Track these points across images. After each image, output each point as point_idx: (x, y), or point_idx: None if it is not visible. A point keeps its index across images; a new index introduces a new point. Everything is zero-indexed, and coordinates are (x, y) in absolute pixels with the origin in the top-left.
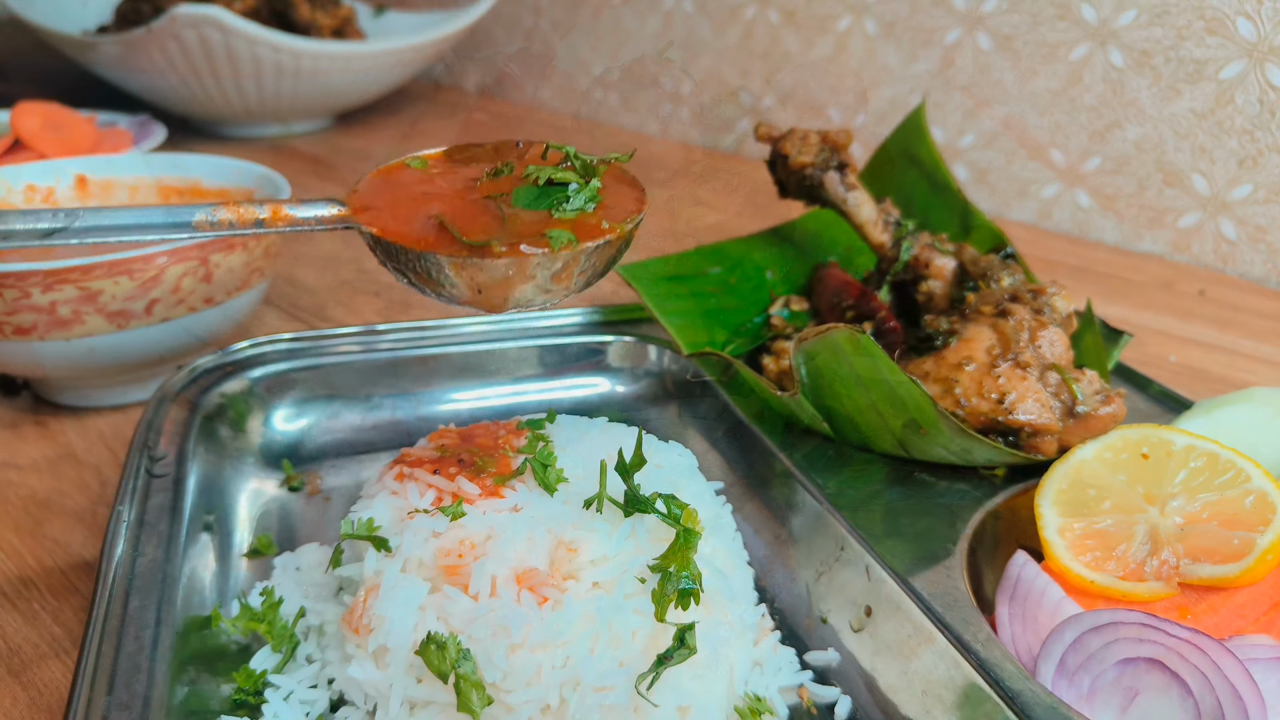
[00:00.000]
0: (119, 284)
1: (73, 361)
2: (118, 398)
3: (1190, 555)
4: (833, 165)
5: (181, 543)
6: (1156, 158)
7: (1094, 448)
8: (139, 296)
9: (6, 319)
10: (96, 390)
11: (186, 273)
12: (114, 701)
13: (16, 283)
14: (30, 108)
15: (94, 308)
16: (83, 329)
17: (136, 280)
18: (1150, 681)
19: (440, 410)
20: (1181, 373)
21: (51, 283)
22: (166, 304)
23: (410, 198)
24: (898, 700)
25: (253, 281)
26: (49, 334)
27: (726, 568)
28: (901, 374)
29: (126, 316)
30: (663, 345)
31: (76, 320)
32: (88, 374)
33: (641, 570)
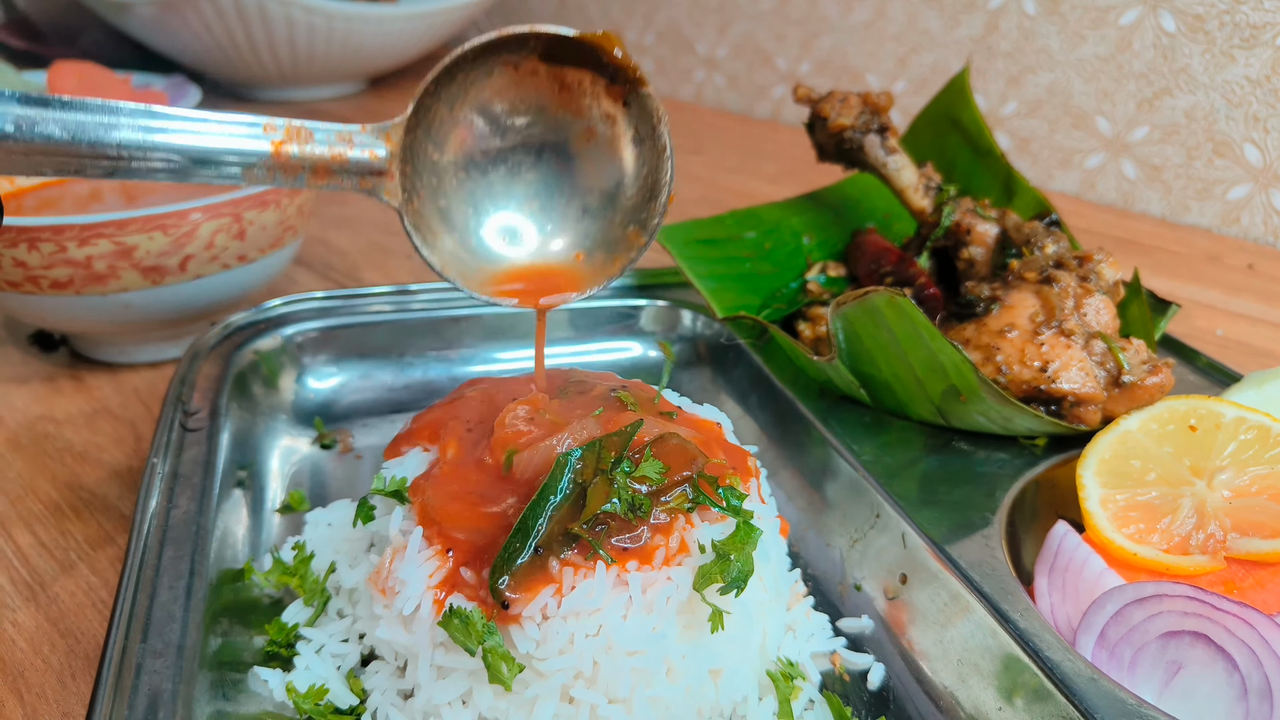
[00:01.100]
0: (154, 239)
1: (109, 317)
2: (153, 354)
3: (1238, 529)
4: (873, 128)
5: (215, 496)
6: (1207, 127)
7: (1139, 419)
8: (173, 252)
9: (44, 273)
10: (132, 345)
11: (220, 229)
12: (148, 649)
13: (53, 236)
14: (67, 68)
15: (129, 263)
16: (118, 284)
17: (171, 236)
18: (1195, 656)
19: (472, 371)
20: (1229, 347)
21: (88, 237)
22: (200, 260)
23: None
24: (932, 669)
25: (285, 240)
26: (85, 289)
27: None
28: (942, 339)
29: (161, 272)
30: (697, 310)
31: (112, 275)
32: (123, 329)
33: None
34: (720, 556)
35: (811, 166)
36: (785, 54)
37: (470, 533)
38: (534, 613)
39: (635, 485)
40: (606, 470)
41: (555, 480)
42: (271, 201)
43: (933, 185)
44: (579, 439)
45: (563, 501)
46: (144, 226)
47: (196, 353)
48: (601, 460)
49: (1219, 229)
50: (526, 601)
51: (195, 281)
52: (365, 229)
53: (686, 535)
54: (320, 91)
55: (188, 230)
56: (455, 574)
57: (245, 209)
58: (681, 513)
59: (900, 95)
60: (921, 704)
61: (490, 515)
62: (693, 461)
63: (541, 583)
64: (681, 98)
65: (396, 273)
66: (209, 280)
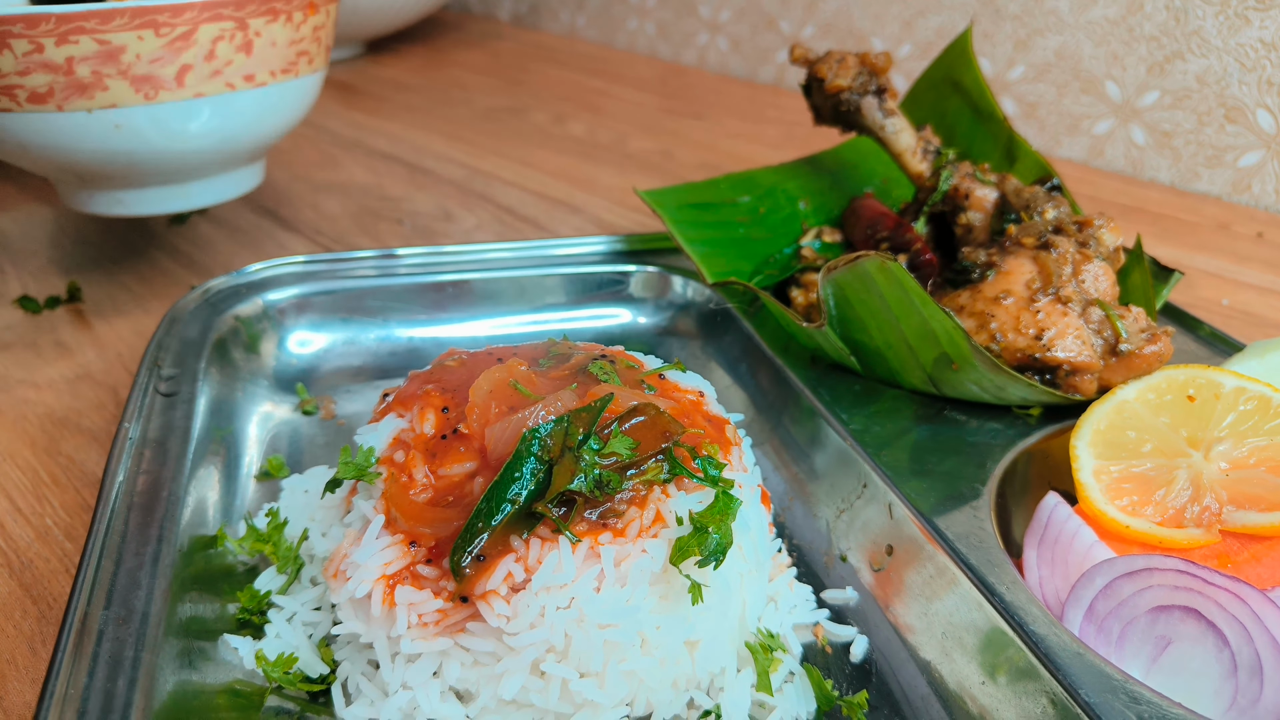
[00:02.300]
0: (144, 39)
1: (98, 144)
2: (156, 203)
3: (1234, 502)
4: (871, 90)
5: (189, 462)
6: (1219, 91)
7: (1136, 388)
8: (167, 59)
9: (20, 81)
10: (130, 191)
11: (222, 35)
12: (111, 615)
13: (26, 30)
14: None
15: (116, 69)
16: (106, 96)
17: (164, 37)
18: (1184, 631)
19: (458, 337)
20: (1234, 316)
21: (65, 32)
22: (200, 73)
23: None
24: (916, 642)
25: (300, 67)
26: (68, 101)
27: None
28: (934, 305)
29: (155, 84)
30: (687, 276)
31: (97, 84)
32: (115, 163)
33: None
34: (698, 529)
35: (814, 132)
36: (789, 17)
37: (434, 525)
38: (501, 586)
39: (603, 461)
40: (574, 448)
41: (520, 459)
42: (282, 12)
43: (931, 149)
44: (553, 412)
45: (529, 479)
46: (131, 21)
47: (175, 317)
48: (569, 437)
49: (1229, 197)
50: (486, 578)
51: (196, 101)
52: (357, 194)
53: (662, 507)
54: None
55: (184, 31)
56: (412, 567)
57: (250, 14)
58: (657, 484)
59: (905, 59)
60: (905, 677)
61: (454, 509)
62: (667, 433)
63: (502, 555)
64: (684, 62)
65: (387, 237)
66: (212, 103)
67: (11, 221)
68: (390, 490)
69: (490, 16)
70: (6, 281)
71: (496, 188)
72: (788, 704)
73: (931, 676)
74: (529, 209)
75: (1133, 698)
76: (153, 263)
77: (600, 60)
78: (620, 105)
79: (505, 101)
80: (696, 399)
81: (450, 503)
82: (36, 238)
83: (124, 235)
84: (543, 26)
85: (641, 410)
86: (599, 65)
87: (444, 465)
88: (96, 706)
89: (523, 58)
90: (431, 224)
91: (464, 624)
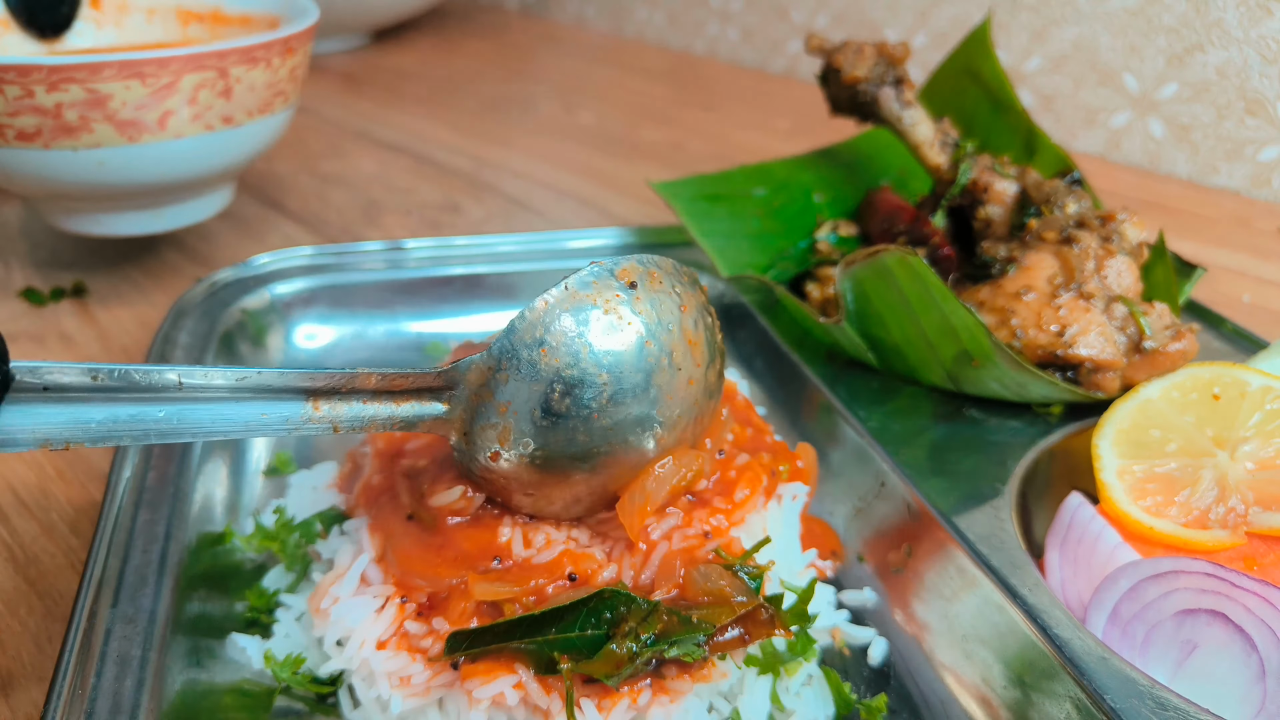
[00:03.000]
0: (130, 89)
1: (81, 176)
2: (130, 225)
3: (1260, 503)
4: (888, 80)
5: (195, 458)
6: (1240, 84)
7: (1160, 386)
8: (152, 106)
9: (9, 121)
10: (108, 214)
11: (204, 84)
12: (118, 614)
13: (19, 79)
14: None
15: (103, 114)
16: (91, 138)
17: (149, 87)
18: (1211, 635)
19: (466, 331)
20: (1256, 313)
21: (56, 80)
22: (181, 118)
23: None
24: (936, 644)
25: (275, 105)
26: (55, 141)
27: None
28: (955, 300)
29: (138, 128)
30: (700, 269)
31: (84, 127)
32: (97, 193)
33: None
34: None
35: (826, 123)
36: (801, 6)
37: (431, 581)
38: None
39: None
40: (637, 640)
41: (573, 618)
42: (261, 60)
43: (950, 141)
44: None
45: (575, 642)
46: (120, 73)
47: (181, 310)
48: (644, 624)
49: (1248, 191)
50: (485, 682)
51: (176, 142)
52: (364, 185)
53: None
54: (322, 45)
55: (168, 82)
56: (401, 626)
57: (232, 63)
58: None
59: (920, 50)
60: (924, 681)
61: (454, 564)
62: (740, 598)
63: (504, 669)
64: (695, 52)
65: (395, 229)
66: (191, 142)
67: (15, 214)
68: (385, 525)
69: (498, 6)
70: (11, 273)
71: (505, 179)
72: (806, 708)
73: (952, 680)
74: (538, 201)
75: (1159, 703)
76: (157, 255)
77: (609, 50)
78: (630, 96)
79: (513, 91)
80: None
81: (449, 555)
82: (41, 229)
83: None
84: (551, 16)
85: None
86: (609, 55)
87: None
88: (105, 707)
89: (530, 47)
90: (439, 215)
91: (454, 683)
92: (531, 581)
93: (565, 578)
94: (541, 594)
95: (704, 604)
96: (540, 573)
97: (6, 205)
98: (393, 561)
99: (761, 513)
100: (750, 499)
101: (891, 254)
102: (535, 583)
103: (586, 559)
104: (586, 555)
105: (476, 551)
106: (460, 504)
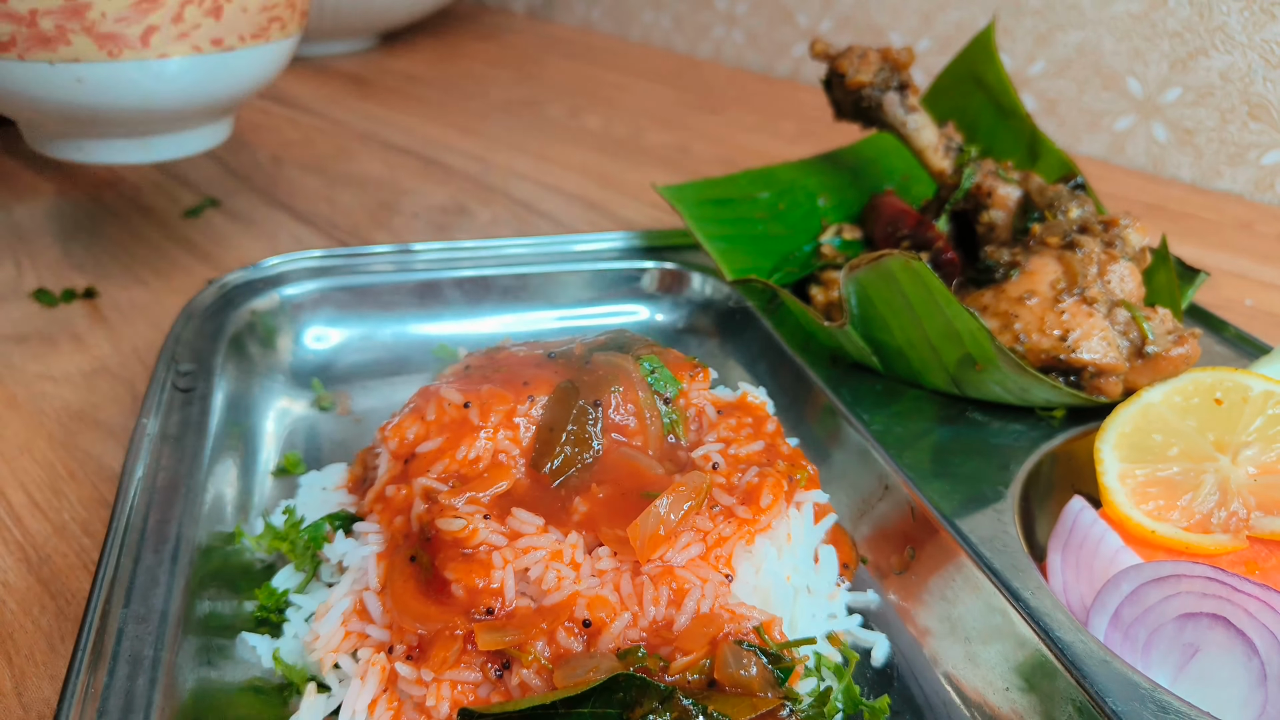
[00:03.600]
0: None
1: (59, 94)
2: (116, 153)
3: (1262, 508)
4: (893, 85)
5: (206, 458)
6: (1243, 88)
7: (1163, 390)
8: (133, 19)
9: None
10: (91, 140)
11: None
12: (131, 614)
13: None
14: None
15: (81, 25)
16: (69, 51)
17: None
18: (1212, 639)
19: (475, 333)
20: (1258, 317)
21: None
22: (166, 34)
23: None
24: (939, 647)
25: (272, 33)
26: (30, 52)
27: None
28: (958, 305)
29: (119, 43)
30: (706, 273)
31: (60, 38)
32: (78, 115)
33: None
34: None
35: (831, 127)
36: (806, 10)
37: (426, 625)
38: None
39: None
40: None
41: (585, 703)
42: None
43: (953, 146)
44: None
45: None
46: None
47: (191, 312)
48: (645, 713)
49: (1251, 195)
50: None
51: (161, 62)
52: (372, 187)
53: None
54: (330, 48)
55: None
56: (390, 673)
57: None
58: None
59: (924, 54)
60: (926, 682)
61: (450, 609)
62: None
63: None
64: (700, 55)
65: (402, 231)
66: (178, 64)
67: (28, 214)
68: (390, 554)
69: (504, 8)
70: (23, 274)
71: (512, 182)
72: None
73: (954, 682)
74: (545, 204)
75: (1161, 706)
76: (166, 255)
77: (615, 53)
78: (636, 99)
79: (520, 94)
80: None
81: (443, 599)
82: (52, 231)
83: (138, 228)
84: (557, 18)
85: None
86: (614, 58)
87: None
88: (117, 706)
89: (537, 50)
90: (446, 218)
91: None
92: (541, 624)
93: (579, 624)
94: (553, 639)
95: (726, 693)
96: (549, 616)
97: (19, 205)
98: (389, 601)
99: (785, 519)
100: (774, 505)
101: (895, 258)
102: (544, 625)
103: (600, 604)
104: (600, 599)
105: (468, 597)
106: (464, 534)
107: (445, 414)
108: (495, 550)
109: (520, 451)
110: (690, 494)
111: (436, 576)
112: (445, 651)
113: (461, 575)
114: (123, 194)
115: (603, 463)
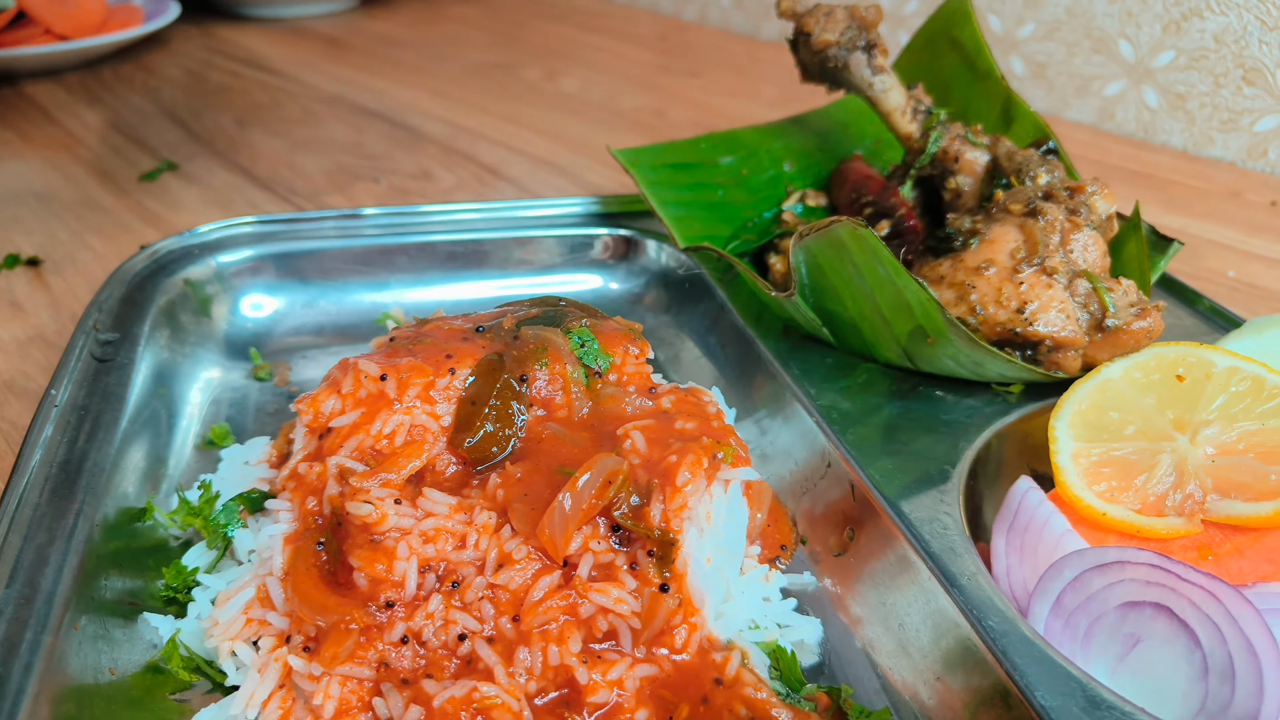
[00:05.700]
0: None
1: None
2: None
3: (1219, 490)
4: (859, 45)
5: (120, 431)
6: (1237, 52)
7: (1122, 366)
8: None
9: None
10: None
11: None
12: (12, 595)
13: None
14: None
15: None
16: None
17: None
18: (1155, 629)
19: (422, 301)
20: (1239, 289)
21: None
22: None
23: None
24: (872, 634)
25: None
26: None
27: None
28: (908, 275)
29: None
30: (662, 240)
31: None
32: None
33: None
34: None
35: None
36: None
37: (327, 618)
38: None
39: None
40: None
41: None
42: None
43: (922, 108)
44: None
45: None
46: None
47: (119, 279)
48: None
49: (1243, 163)
50: None
51: None
52: (336, 152)
53: None
54: (308, 8)
55: None
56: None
57: None
58: None
59: (910, 16)
60: (854, 671)
61: (350, 601)
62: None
63: None
64: (686, 18)
65: (362, 197)
66: None
67: None
68: (298, 537)
69: None
70: None
71: (480, 146)
72: None
73: (883, 670)
74: (512, 168)
75: (1092, 701)
76: (117, 220)
77: (600, 16)
78: (616, 62)
79: (498, 57)
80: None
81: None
82: (1, 194)
83: (90, 193)
84: None
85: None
86: (598, 21)
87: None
88: None
89: (521, 13)
90: (409, 183)
91: None
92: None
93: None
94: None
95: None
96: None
97: None
98: (289, 591)
99: (705, 499)
100: (692, 483)
101: (844, 225)
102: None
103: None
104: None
105: (370, 587)
106: (371, 519)
107: (361, 386)
108: (404, 538)
109: (441, 429)
110: (599, 477)
111: (343, 563)
112: (337, 647)
113: (365, 563)
114: (79, 157)
115: (524, 439)
